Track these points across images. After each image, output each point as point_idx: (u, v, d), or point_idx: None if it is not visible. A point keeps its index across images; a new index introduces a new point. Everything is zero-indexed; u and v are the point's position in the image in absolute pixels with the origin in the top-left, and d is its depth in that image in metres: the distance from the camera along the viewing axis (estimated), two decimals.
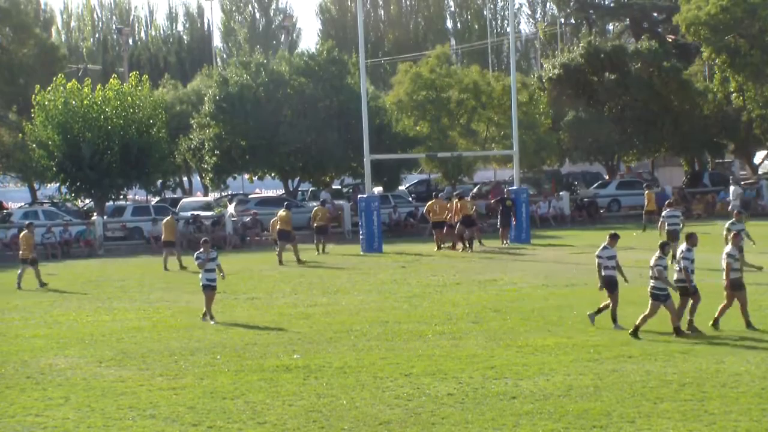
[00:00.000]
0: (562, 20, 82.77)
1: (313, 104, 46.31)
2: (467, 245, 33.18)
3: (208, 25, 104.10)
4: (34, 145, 45.11)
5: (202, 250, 19.44)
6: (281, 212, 32.45)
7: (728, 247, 17.11)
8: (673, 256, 26.61)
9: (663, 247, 16.69)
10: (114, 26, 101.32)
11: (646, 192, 40.35)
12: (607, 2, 78.24)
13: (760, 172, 57.14)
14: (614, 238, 17.67)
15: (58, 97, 43.79)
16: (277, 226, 32.03)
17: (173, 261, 30.87)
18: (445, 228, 34.22)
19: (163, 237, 32.40)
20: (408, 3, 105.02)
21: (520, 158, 40.92)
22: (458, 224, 33.46)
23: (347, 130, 45.46)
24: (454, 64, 64.14)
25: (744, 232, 23.68)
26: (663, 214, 27.86)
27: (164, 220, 33.05)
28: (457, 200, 34.28)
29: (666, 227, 26.89)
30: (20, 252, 28.27)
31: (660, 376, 13.02)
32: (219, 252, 37.57)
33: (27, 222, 32.16)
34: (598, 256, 17.38)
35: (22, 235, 28.82)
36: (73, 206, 51.24)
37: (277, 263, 30.42)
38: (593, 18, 76.07)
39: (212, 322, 18.85)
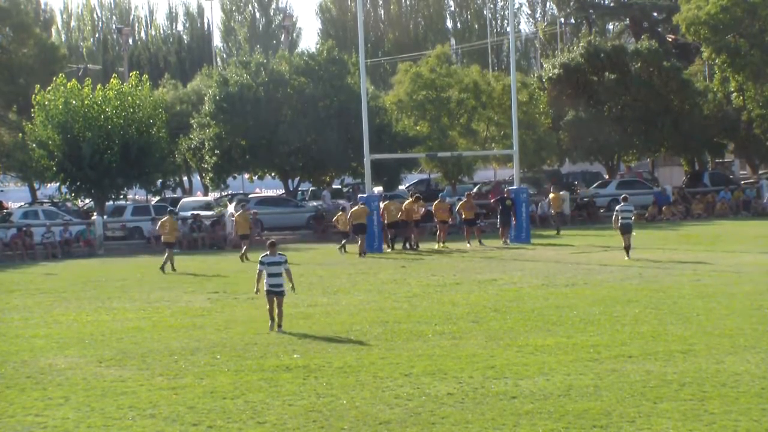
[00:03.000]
0: (562, 20, 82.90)
1: (313, 104, 46.31)
2: (390, 246, 35.15)
3: (208, 24, 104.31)
4: (34, 145, 45.12)
5: (267, 253, 17.85)
6: (358, 207, 34.24)
7: None
8: (627, 248, 27.97)
9: None
10: (114, 26, 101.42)
11: (552, 195, 40.41)
12: (607, 2, 78.33)
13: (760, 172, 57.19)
14: None
15: (59, 97, 43.79)
16: (353, 221, 33.74)
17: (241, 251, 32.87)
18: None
19: (238, 231, 34.54)
20: (408, 3, 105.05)
21: (520, 158, 40.93)
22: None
23: (347, 130, 45.46)
24: (454, 64, 64.12)
25: None
26: (617, 208, 29.10)
27: (237, 214, 35.15)
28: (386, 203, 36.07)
29: (619, 221, 28.26)
30: (162, 237, 31.11)
31: (660, 375, 13.01)
32: (219, 252, 37.88)
33: (169, 209, 35.77)
34: None
35: (164, 220, 31.35)
36: (73, 206, 51.26)
37: (359, 255, 32.67)
38: (593, 18, 76.19)
39: (278, 330, 17.42)
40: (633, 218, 28.82)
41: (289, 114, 46.65)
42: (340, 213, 36.50)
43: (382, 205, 35.55)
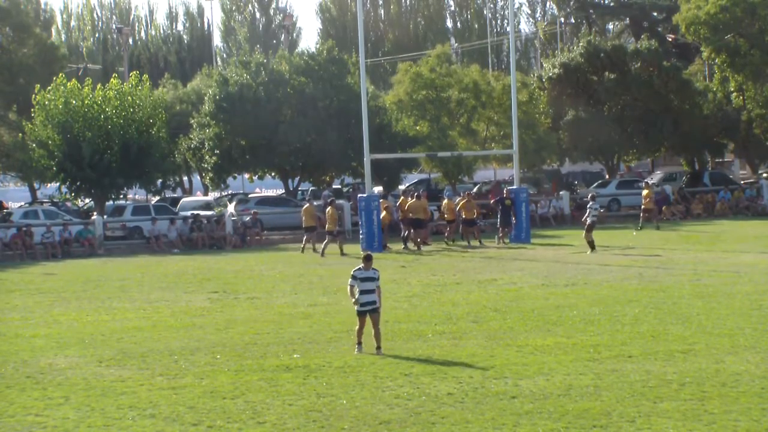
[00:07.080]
0: (562, 20, 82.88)
1: (313, 104, 46.32)
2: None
3: (208, 24, 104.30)
4: (34, 145, 45.11)
5: (361, 266, 15.51)
6: (413, 200, 35.24)
7: None
8: (592, 245, 29.92)
9: None
10: (114, 26, 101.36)
11: (445, 201, 38.88)
12: (607, 2, 78.33)
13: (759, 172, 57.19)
14: None
15: (59, 97, 43.79)
16: (412, 214, 34.84)
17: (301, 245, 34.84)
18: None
19: (304, 224, 35.19)
20: (408, 3, 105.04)
21: (520, 158, 40.93)
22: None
23: (347, 130, 45.47)
24: (454, 64, 64.16)
25: None
26: (588, 206, 31.50)
27: (304, 207, 36.03)
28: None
29: (588, 219, 30.72)
30: (326, 225, 34.33)
31: (660, 375, 13.01)
32: (219, 252, 37.86)
33: (329, 199, 37.81)
34: None
35: (327, 210, 34.52)
36: (73, 206, 51.25)
37: (415, 248, 34.40)
38: (593, 17, 76.18)
39: (377, 352, 15.23)
40: (597, 216, 31.45)
41: (289, 114, 46.65)
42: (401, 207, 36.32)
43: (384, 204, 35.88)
